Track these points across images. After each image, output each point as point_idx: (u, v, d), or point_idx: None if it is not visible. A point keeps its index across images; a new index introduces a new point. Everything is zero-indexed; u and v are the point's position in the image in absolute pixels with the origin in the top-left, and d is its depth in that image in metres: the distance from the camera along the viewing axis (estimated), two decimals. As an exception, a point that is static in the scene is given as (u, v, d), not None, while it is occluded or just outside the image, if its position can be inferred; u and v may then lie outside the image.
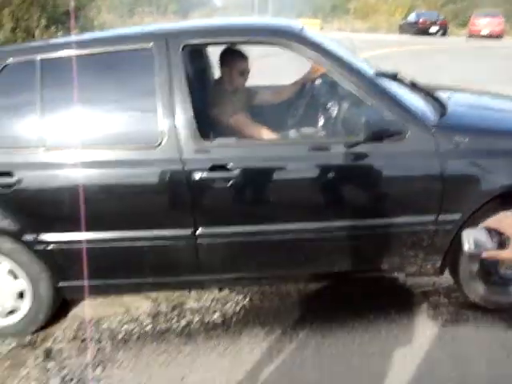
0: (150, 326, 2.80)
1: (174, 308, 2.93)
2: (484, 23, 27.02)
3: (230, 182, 2.40)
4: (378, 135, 2.37)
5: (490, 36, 26.56)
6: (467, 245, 1.22)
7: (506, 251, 1.19)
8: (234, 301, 2.96)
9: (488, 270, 2.76)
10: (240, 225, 2.51)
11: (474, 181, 2.54)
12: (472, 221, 2.55)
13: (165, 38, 2.48)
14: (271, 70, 7.33)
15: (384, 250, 2.64)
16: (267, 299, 2.97)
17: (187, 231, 2.48)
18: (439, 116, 2.66)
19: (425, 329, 2.69)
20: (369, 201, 2.59)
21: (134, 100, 2.55)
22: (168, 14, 38.37)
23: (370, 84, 2.50)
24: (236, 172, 2.39)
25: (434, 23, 27.81)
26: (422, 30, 27.18)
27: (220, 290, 3.01)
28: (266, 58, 10.32)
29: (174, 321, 2.83)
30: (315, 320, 2.75)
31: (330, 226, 2.55)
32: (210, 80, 3.68)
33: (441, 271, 2.75)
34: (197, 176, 2.38)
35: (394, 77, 3.01)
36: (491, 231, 1.23)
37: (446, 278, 2.95)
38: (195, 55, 3.33)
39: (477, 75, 11.50)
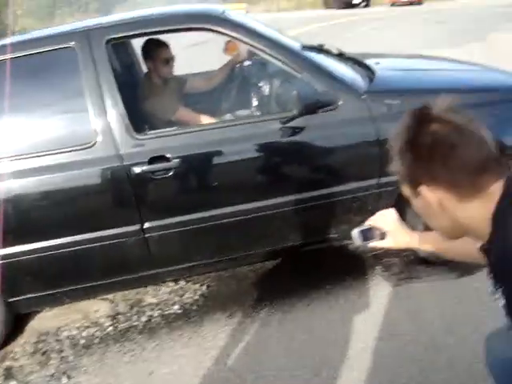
0: (110, 328, 2.75)
1: (132, 306, 2.90)
2: (405, -11, 27.74)
3: (171, 172, 2.38)
4: (312, 107, 2.40)
5: (410, 3, 27.31)
6: (357, 240, 1.54)
7: (384, 241, 1.55)
8: (192, 290, 2.96)
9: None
10: (187, 213, 2.50)
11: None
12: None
13: (86, 35, 2.43)
14: (200, 58, 7.27)
15: (332, 218, 2.70)
16: (224, 284, 2.99)
17: (135, 227, 2.45)
18: (369, 82, 2.71)
19: (380, 290, 2.75)
20: (311, 173, 2.62)
21: (64, 101, 2.50)
22: (90, 12, 37.41)
23: (298, 58, 2.53)
24: (176, 161, 2.37)
25: (357, -6, 28.25)
26: (346, 3, 27.59)
27: (176, 281, 3.00)
28: (195, 47, 10.30)
29: (135, 319, 2.80)
30: (274, 298, 2.78)
31: (278, 202, 2.57)
32: (138, 73, 3.64)
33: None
34: (137, 170, 2.35)
35: (320, 49, 3.05)
36: (374, 227, 1.55)
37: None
38: (120, 50, 3.28)
39: (403, 40, 11.81)
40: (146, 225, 2.46)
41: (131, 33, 2.60)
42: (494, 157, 1.02)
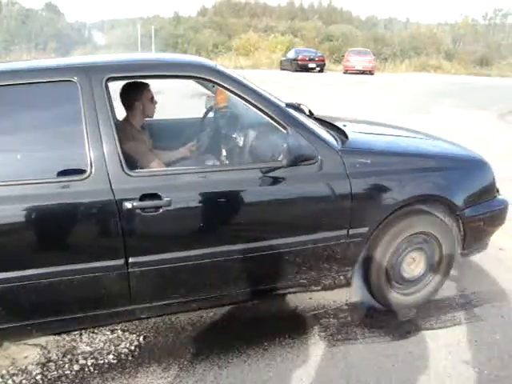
0: (39, 376, 2.61)
1: (65, 354, 2.80)
2: (357, 60, 29.29)
3: (161, 210, 2.49)
4: (298, 160, 2.61)
5: (363, 72, 28.80)
6: None
7: None
8: (128, 340, 2.92)
9: (391, 275, 3.11)
10: (171, 251, 2.60)
11: (377, 197, 2.89)
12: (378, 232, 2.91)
13: (89, 71, 2.52)
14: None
15: (303, 265, 2.87)
16: (162, 335, 2.97)
17: (119, 262, 2.51)
18: (342, 142, 2.98)
19: (318, 350, 2.83)
20: (287, 220, 2.79)
21: (60, 132, 2.55)
22: (48, 51, 37.13)
23: (285, 113, 2.76)
24: (166, 200, 2.49)
25: (313, 59, 29.39)
26: (302, 66, 28.63)
27: (112, 330, 2.98)
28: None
29: (66, 367, 2.69)
30: (211, 352, 2.80)
31: (255, 246, 2.72)
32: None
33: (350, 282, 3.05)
34: (127, 205, 2.44)
35: (298, 107, 3.32)
36: None
37: (335, 301, 3.26)
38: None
39: (357, 105, 12.45)
40: (131, 260, 2.52)
41: (132, 74, 2.72)
42: None
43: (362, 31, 46.93)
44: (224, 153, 3.46)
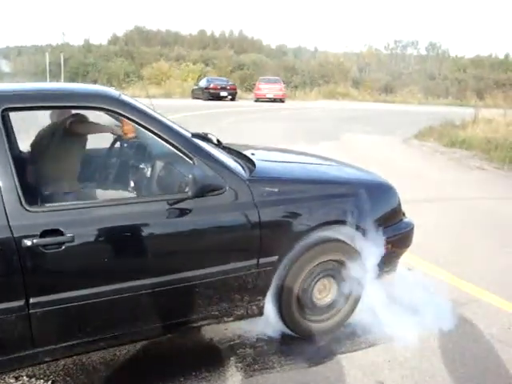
0: None
1: None
2: (268, 88, 29.99)
3: (63, 247, 2.37)
4: (204, 190, 2.57)
5: (274, 100, 29.49)
6: None
7: None
8: None
9: (302, 303, 3.11)
10: (75, 289, 2.46)
11: (286, 225, 2.90)
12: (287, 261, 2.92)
13: None
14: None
15: (214, 296, 2.82)
16: (72, 378, 2.80)
17: (19, 303, 2.35)
18: (249, 170, 2.98)
19: (235, 381, 2.80)
20: (196, 253, 2.74)
21: None
22: None
23: (189, 143, 2.72)
24: (69, 236, 2.37)
25: (224, 88, 29.76)
26: (214, 95, 28.87)
27: (17, 378, 2.77)
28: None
29: None
30: None
31: (163, 280, 2.63)
32: (17, 148, 3.60)
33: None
34: (27, 243, 2.29)
35: (205, 137, 3.30)
36: None
37: (250, 331, 3.23)
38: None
39: (267, 133, 12.68)
40: (32, 300, 2.36)
41: (30, 105, 2.58)
42: None
43: (272, 60, 48.06)
44: (132, 184, 3.37)
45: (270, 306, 3.06)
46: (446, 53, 53.05)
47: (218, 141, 3.58)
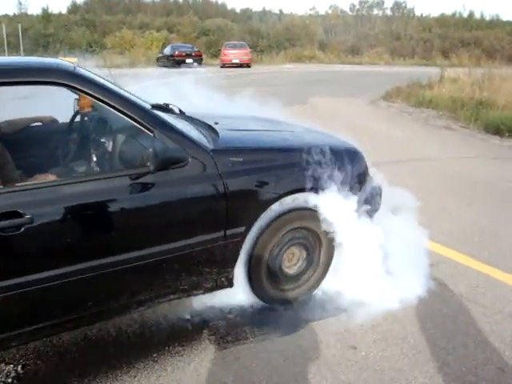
0: None
1: None
2: (233, 53, 29.61)
3: (22, 229, 2.27)
4: (166, 164, 2.49)
5: (240, 65, 29.15)
6: None
7: None
8: (4, 373, 2.63)
9: (272, 272, 3.09)
10: (38, 272, 2.37)
11: (252, 195, 2.85)
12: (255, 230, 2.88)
13: None
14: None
15: (182, 271, 2.77)
16: (43, 361, 2.74)
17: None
18: (213, 141, 2.90)
19: (209, 355, 2.78)
20: (160, 228, 2.67)
21: None
22: None
23: (148, 115, 2.62)
24: (27, 217, 2.27)
25: (190, 55, 29.28)
26: (179, 62, 28.37)
27: None
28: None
29: None
30: (98, 371, 2.65)
31: (128, 257, 2.56)
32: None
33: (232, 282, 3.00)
34: None
35: (165, 108, 3.20)
36: None
37: (221, 302, 3.19)
38: None
39: (232, 99, 12.51)
40: (-9, 286, 2.28)
41: None
42: None
43: (237, 24, 47.40)
44: (94, 158, 3.26)
45: (240, 277, 3.04)
46: (411, 12, 53.13)
47: (180, 110, 3.49)
